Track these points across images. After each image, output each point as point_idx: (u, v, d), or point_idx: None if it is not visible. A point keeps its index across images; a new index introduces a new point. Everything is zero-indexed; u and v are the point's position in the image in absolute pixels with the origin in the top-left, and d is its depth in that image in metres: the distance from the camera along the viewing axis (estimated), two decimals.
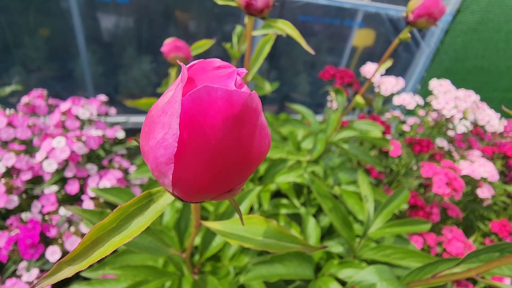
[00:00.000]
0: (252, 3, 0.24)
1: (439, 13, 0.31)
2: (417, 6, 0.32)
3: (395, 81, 0.79)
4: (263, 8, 0.24)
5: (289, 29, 0.25)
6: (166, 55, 0.34)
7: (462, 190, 0.66)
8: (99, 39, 1.32)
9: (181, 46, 0.33)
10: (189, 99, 0.10)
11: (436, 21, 0.32)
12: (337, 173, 0.57)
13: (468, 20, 1.68)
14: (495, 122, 0.74)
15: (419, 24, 0.33)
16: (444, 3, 1.22)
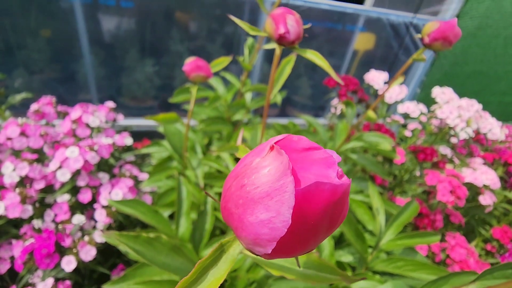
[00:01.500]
0: (285, 36, 0.24)
1: (454, 37, 0.32)
2: (433, 30, 0.32)
3: (399, 89, 0.80)
4: (294, 40, 0.25)
5: (318, 60, 0.26)
6: (188, 74, 0.34)
7: (465, 197, 0.67)
8: (103, 42, 1.32)
9: (202, 65, 0.34)
10: (300, 192, 0.11)
11: (451, 45, 0.33)
12: None
13: (468, 25, 1.70)
14: (496, 131, 0.76)
15: (434, 47, 0.33)
16: (445, 8, 1.22)
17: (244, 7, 1.41)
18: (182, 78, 1.57)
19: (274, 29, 0.24)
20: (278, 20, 0.25)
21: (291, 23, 0.24)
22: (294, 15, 0.25)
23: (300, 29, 0.25)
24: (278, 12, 0.25)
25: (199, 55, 1.41)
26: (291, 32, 0.24)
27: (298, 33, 0.25)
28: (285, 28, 0.24)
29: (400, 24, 1.62)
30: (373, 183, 0.56)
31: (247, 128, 0.56)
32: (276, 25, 0.25)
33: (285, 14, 0.24)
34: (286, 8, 0.25)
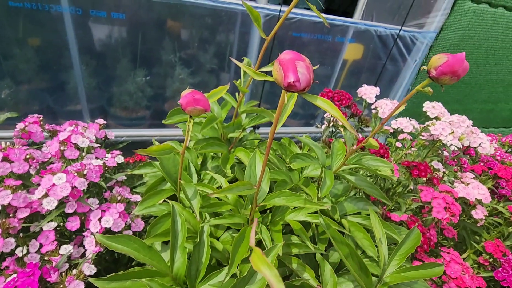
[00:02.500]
0: (295, 85, 0.22)
1: (463, 71, 0.30)
2: (440, 64, 0.31)
3: (391, 104, 0.79)
4: (304, 88, 0.23)
5: (330, 109, 0.23)
6: (184, 108, 0.31)
7: (459, 214, 0.66)
8: (93, 52, 1.27)
9: (199, 98, 0.31)
10: None
11: (459, 78, 0.31)
12: (342, 202, 0.55)
13: (451, 37, 1.72)
14: (486, 145, 0.75)
15: (441, 81, 0.32)
16: (430, 21, 1.23)
17: (236, 18, 1.39)
18: (174, 88, 1.53)
19: (282, 77, 0.22)
20: (287, 68, 0.22)
21: (301, 70, 0.22)
22: (304, 61, 0.22)
23: (310, 76, 0.22)
24: (286, 57, 0.22)
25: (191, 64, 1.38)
26: (302, 80, 0.22)
27: (309, 80, 0.22)
28: (295, 76, 0.22)
29: (388, 36, 1.64)
30: (370, 204, 0.55)
31: (243, 150, 0.53)
32: (285, 73, 0.22)
33: (294, 61, 0.22)
34: (295, 53, 0.22)
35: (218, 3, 1.25)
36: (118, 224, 0.50)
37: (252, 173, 0.41)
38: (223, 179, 0.47)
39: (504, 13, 1.75)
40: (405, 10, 1.58)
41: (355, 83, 1.90)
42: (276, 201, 0.37)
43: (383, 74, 1.86)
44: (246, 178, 0.41)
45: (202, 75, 1.57)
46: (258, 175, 0.42)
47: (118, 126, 1.50)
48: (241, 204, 0.45)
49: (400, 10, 1.59)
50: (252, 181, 0.41)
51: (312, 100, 0.24)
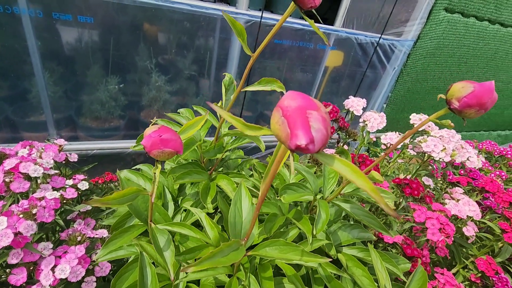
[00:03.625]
0: (307, 149, 0.15)
1: (491, 103, 0.26)
2: (465, 95, 0.25)
3: (379, 118, 0.76)
4: (320, 148, 0.16)
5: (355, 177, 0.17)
6: (148, 151, 0.24)
7: (453, 234, 0.63)
8: (59, 58, 1.15)
9: (169, 138, 0.24)
10: None
11: (486, 111, 0.27)
12: (336, 231, 0.50)
13: (427, 45, 1.75)
14: (474, 159, 0.73)
15: (464, 114, 0.27)
16: (408, 29, 1.22)
17: (215, 23, 1.32)
18: (150, 96, 1.43)
19: (288, 136, 0.15)
20: (295, 123, 0.15)
21: (316, 126, 0.14)
22: (318, 111, 0.15)
23: (328, 130, 0.16)
24: (292, 105, 0.15)
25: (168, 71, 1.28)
26: (317, 140, 0.15)
27: (326, 138, 0.15)
28: (307, 136, 0.15)
29: (368, 44, 1.63)
30: (366, 230, 0.50)
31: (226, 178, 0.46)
32: (292, 131, 0.15)
33: (305, 111, 0.14)
34: (304, 97, 0.15)
35: (196, 8, 1.18)
36: (77, 273, 0.42)
37: (238, 213, 0.35)
38: (203, 215, 0.40)
39: (475, 22, 1.81)
40: (385, 18, 1.58)
41: (336, 90, 1.89)
42: (267, 252, 0.31)
43: (364, 81, 1.86)
44: (231, 219, 0.34)
45: (180, 82, 1.48)
46: (245, 215, 0.35)
47: (89, 138, 1.38)
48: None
49: (379, 19, 1.60)
50: (237, 223, 0.34)
51: (329, 162, 0.17)
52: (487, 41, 1.94)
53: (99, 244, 0.49)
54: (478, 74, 2.12)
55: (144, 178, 0.55)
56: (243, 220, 0.34)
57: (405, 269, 0.50)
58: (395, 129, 2.18)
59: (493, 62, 2.09)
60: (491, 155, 1.38)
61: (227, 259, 0.25)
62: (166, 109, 1.45)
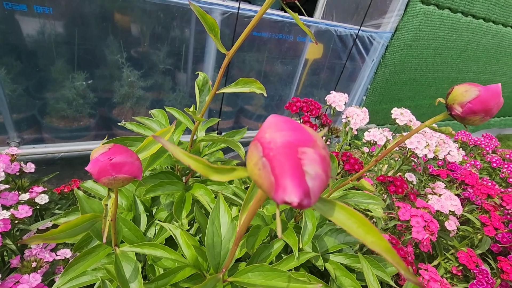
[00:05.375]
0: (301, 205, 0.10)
1: (497, 108, 0.23)
2: (469, 100, 0.22)
3: (362, 114, 0.74)
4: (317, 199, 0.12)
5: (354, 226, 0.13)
6: (96, 179, 0.19)
7: (437, 231, 0.63)
8: (17, 52, 1.04)
9: (124, 161, 0.18)
10: None
11: (491, 117, 0.24)
12: (322, 237, 0.48)
13: (405, 37, 1.77)
14: (454, 153, 0.73)
15: (468, 121, 0.24)
16: (386, 21, 1.20)
17: (191, 14, 1.24)
18: (123, 93, 1.34)
19: (272, 186, 0.10)
20: (282, 168, 0.10)
21: (312, 171, 0.10)
22: (315, 147, 0.11)
23: (328, 173, 0.11)
24: (278, 141, 0.11)
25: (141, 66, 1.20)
26: (314, 190, 0.10)
27: (325, 183, 0.11)
28: (301, 189, 0.10)
29: (347, 36, 1.62)
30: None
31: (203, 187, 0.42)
32: (278, 181, 0.10)
33: (296, 149, 0.10)
34: (293, 126, 0.11)
35: None
36: None
37: (216, 232, 0.31)
38: (178, 232, 0.36)
39: (450, 14, 1.84)
40: (363, 10, 1.57)
41: (316, 82, 1.87)
42: (250, 278, 0.27)
43: (343, 73, 1.86)
44: (208, 240, 0.30)
45: (155, 77, 1.39)
46: (224, 233, 0.31)
47: (56, 139, 1.27)
48: (203, 266, 0.34)
49: (358, 10, 1.58)
50: (216, 244, 0.30)
51: (328, 213, 0.13)
52: (460, 33, 1.99)
53: (62, 267, 0.44)
54: (452, 65, 2.18)
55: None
56: (222, 240, 0.31)
57: (393, 272, 0.48)
58: (375, 121, 2.21)
59: (465, 53, 2.15)
60: (466, 145, 1.42)
61: None
62: (140, 106, 1.37)
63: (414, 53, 1.91)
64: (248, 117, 1.75)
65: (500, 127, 3.11)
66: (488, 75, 2.48)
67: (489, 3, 1.96)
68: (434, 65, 2.09)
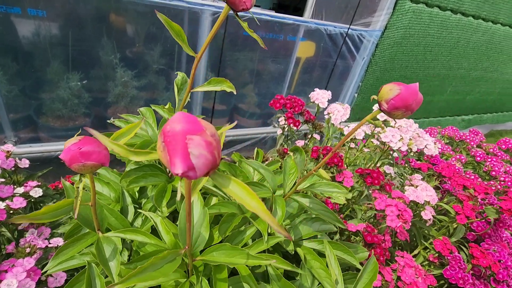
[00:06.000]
0: (188, 176, 0.15)
1: (417, 105, 0.26)
2: (392, 97, 0.26)
3: (343, 110, 0.77)
4: (208, 172, 0.15)
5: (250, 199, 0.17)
6: (68, 165, 0.22)
7: (411, 220, 0.66)
8: (13, 54, 1.07)
9: (91, 151, 0.22)
10: None
11: (412, 113, 0.28)
12: (297, 225, 0.51)
13: (394, 35, 1.80)
14: (431, 146, 0.77)
15: (393, 115, 0.28)
16: (375, 20, 1.24)
17: (183, 15, 1.27)
18: (117, 93, 1.37)
19: (169, 164, 0.15)
20: (174, 149, 0.14)
21: (196, 152, 0.14)
22: (202, 135, 0.15)
23: (215, 154, 0.15)
24: (176, 129, 0.14)
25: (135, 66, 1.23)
26: (199, 166, 0.14)
27: (212, 162, 0.15)
28: (185, 164, 0.14)
29: (337, 34, 1.65)
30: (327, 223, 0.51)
31: None
32: (171, 159, 0.14)
33: (185, 137, 0.14)
34: (190, 120, 0.14)
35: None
36: (26, 286, 0.40)
37: None
38: (158, 219, 0.39)
39: (439, 12, 1.87)
40: (353, 9, 1.60)
41: (308, 80, 1.90)
42: (215, 256, 0.31)
43: (335, 71, 1.89)
44: (181, 225, 0.34)
45: (148, 77, 1.43)
46: (196, 219, 0.35)
47: (52, 138, 1.30)
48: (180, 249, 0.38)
49: (347, 9, 1.61)
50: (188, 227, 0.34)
51: (224, 185, 0.17)
52: (450, 30, 2.02)
53: (54, 253, 0.47)
54: (442, 61, 2.21)
55: (101, 182, 0.53)
56: (194, 224, 0.34)
57: (364, 257, 0.52)
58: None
59: (455, 50, 2.19)
60: (453, 140, 1.45)
61: (159, 273, 0.24)
62: (134, 105, 1.40)
63: (404, 50, 1.94)
64: (241, 115, 1.78)
65: (493, 123, 3.15)
66: (479, 72, 2.52)
67: (478, 1, 1.99)
68: (424, 62, 2.13)
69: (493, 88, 2.76)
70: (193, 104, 1.55)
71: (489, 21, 2.16)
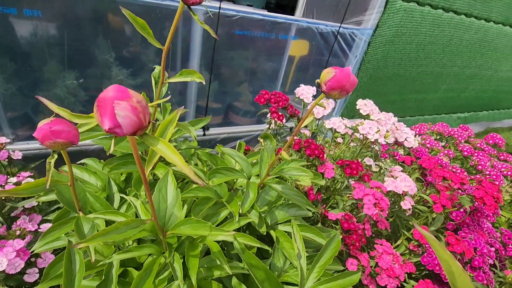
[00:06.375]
0: (116, 132, 0.18)
1: (350, 86, 0.29)
2: (328, 79, 0.29)
3: (326, 104, 0.80)
4: (136, 131, 0.19)
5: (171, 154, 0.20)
6: (41, 142, 0.26)
7: (387, 208, 0.69)
8: (9, 53, 1.10)
9: (61, 130, 0.25)
10: None
11: (348, 93, 0.31)
12: (273, 211, 0.54)
13: (386, 33, 1.82)
14: (411, 139, 0.80)
15: (331, 96, 0.31)
16: (367, 18, 1.27)
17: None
18: None
19: (100, 122, 0.18)
20: (103, 111, 0.18)
21: (122, 113, 0.18)
22: (128, 101, 0.18)
23: (141, 117, 0.19)
24: (107, 96, 0.18)
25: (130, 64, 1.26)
26: (125, 125, 0.18)
27: (138, 123, 0.18)
28: (111, 122, 0.18)
29: (328, 33, 1.68)
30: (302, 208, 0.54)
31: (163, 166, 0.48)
32: (101, 117, 0.18)
33: (113, 101, 0.18)
34: (120, 90, 0.18)
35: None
36: (16, 265, 0.43)
37: (162, 198, 0.37)
38: (138, 203, 0.42)
39: (430, 11, 1.90)
40: (343, 7, 1.63)
41: (303, 78, 1.93)
42: (182, 230, 0.34)
43: None
44: (155, 205, 0.37)
45: (144, 76, 1.46)
46: (170, 200, 0.38)
47: None
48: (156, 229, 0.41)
49: (338, 8, 1.64)
50: (162, 208, 0.37)
51: (153, 144, 0.20)
52: (442, 28, 2.05)
53: None
54: (436, 59, 2.23)
55: (89, 172, 0.56)
56: (167, 205, 0.37)
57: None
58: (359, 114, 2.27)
59: (448, 48, 2.21)
60: (442, 136, 1.48)
61: (121, 236, 0.27)
62: None
63: (397, 48, 1.97)
64: (236, 113, 1.81)
65: (489, 121, 3.16)
66: (473, 69, 2.54)
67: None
68: (417, 60, 2.15)
69: (488, 85, 2.77)
70: (187, 102, 1.58)
71: (481, 19, 2.19)
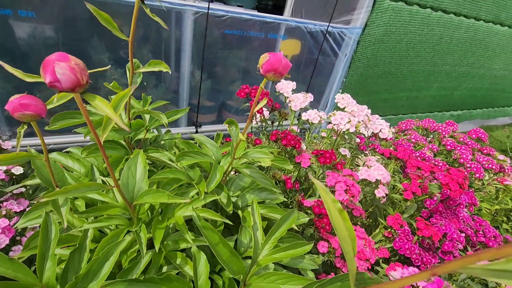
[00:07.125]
0: (55, 86, 0.22)
1: (283, 69, 0.33)
2: (264, 63, 0.33)
3: (303, 97, 0.84)
4: (74, 88, 0.23)
5: (106, 108, 0.24)
6: (12, 114, 0.30)
7: (359, 194, 0.73)
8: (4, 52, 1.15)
9: (29, 103, 0.30)
10: None
11: (282, 76, 0.34)
12: (245, 194, 0.58)
13: (375, 32, 1.86)
14: (385, 130, 0.83)
15: (268, 77, 0.34)
16: (355, 17, 1.30)
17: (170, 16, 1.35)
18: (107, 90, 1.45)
19: (44, 77, 0.22)
20: (46, 68, 0.23)
21: (61, 71, 0.22)
22: (67, 62, 0.23)
23: (78, 76, 0.23)
24: (50, 58, 0.23)
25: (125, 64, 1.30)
26: (63, 81, 0.23)
27: (75, 81, 0.23)
28: (51, 77, 0.22)
29: (317, 32, 1.72)
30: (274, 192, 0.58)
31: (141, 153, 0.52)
32: (44, 74, 0.23)
33: (54, 62, 0.22)
34: (62, 55, 0.23)
35: None
36: (1, 241, 0.47)
37: (131, 174, 0.41)
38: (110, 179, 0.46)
39: (419, 10, 1.93)
40: (331, 7, 1.67)
41: (296, 77, 1.97)
42: (145, 199, 0.37)
43: (319, 68, 1.95)
44: (124, 180, 0.40)
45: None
46: (138, 176, 0.41)
47: (46, 133, 1.38)
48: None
49: (326, 8, 1.68)
50: (130, 183, 0.40)
51: (91, 100, 0.24)
52: (431, 27, 2.08)
53: None
54: (426, 58, 2.26)
55: (73, 159, 0.60)
56: (136, 180, 0.41)
57: (304, 222, 0.58)
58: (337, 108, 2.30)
59: (438, 46, 2.24)
60: (428, 131, 1.51)
61: (80, 194, 0.31)
62: None
63: (387, 47, 2.00)
64: (228, 110, 1.85)
65: (483, 118, 3.18)
66: (465, 68, 2.57)
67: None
68: (408, 59, 2.18)
69: (481, 83, 2.80)
70: (179, 100, 1.62)
71: (471, 18, 2.22)
